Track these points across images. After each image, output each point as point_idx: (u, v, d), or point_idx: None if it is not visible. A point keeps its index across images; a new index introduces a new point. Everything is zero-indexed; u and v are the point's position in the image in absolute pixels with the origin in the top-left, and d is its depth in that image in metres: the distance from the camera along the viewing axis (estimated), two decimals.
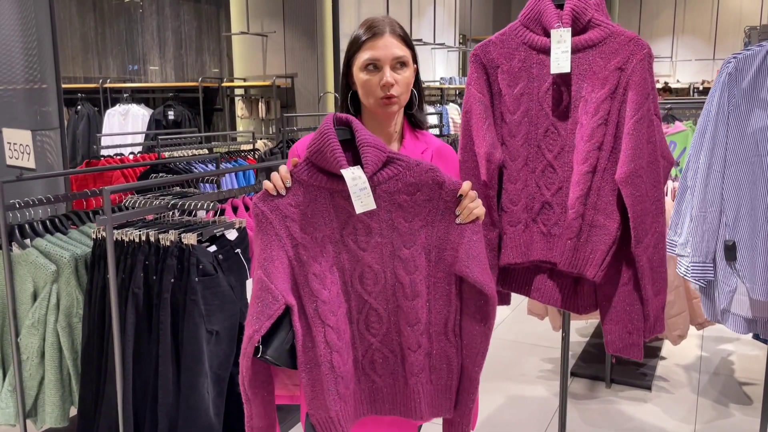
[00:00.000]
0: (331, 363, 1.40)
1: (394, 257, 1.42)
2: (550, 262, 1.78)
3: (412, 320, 1.43)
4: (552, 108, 1.71)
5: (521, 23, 1.73)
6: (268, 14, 7.19)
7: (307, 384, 1.41)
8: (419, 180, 1.40)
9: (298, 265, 1.40)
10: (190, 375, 2.11)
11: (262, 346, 1.40)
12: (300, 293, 1.40)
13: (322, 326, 1.40)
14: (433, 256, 1.43)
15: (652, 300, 1.72)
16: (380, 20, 1.55)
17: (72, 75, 7.34)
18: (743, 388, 3.48)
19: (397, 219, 1.40)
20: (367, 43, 1.51)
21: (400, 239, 1.41)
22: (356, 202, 1.36)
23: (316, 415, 1.42)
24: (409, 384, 1.46)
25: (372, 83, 1.51)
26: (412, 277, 1.41)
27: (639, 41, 1.62)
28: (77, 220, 2.61)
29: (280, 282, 1.37)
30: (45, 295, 2.31)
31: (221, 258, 2.20)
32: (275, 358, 1.40)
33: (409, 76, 1.54)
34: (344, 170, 1.35)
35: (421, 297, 1.43)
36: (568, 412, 3.19)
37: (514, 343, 4.15)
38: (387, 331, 1.46)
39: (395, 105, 1.53)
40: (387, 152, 1.40)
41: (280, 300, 1.36)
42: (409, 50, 1.55)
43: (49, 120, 3.58)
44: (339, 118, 1.41)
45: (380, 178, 1.39)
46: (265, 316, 1.36)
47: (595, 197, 1.67)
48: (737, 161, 1.99)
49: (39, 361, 2.36)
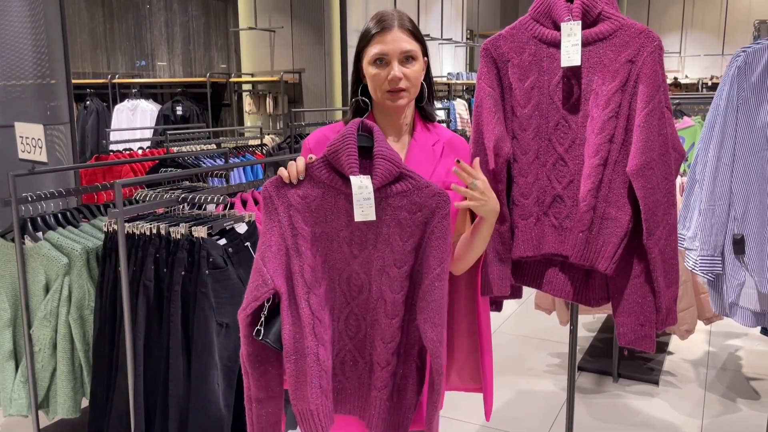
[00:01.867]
0: (317, 356, 1.41)
1: (382, 273, 1.43)
2: (561, 255, 1.78)
3: (387, 338, 1.45)
4: (562, 101, 1.71)
5: (531, 17, 1.73)
6: (275, 9, 7.20)
7: (291, 374, 1.43)
8: (424, 201, 1.41)
9: (295, 254, 1.42)
10: (201, 367, 2.12)
11: (264, 329, 1.43)
12: (294, 282, 1.42)
13: (312, 318, 1.42)
14: (416, 280, 1.44)
15: (664, 292, 1.72)
16: (389, 14, 1.55)
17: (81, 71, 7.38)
18: (751, 383, 3.47)
19: (394, 236, 1.42)
20: (375, 37, 1.52)
21: (392, 257, 1.42)
22: (357, 210, 1.39)
23: (298, 405, 1.44)
24: (371, 396, 1.49)
25: (380, 77, 1.52)
26: (396, 297, 1.43)
27: (650, 33, 1.62)
28: (88, 214, 2.63)
29: (273, 268, 1.40)
30: (57, 288, 2.33)
31: (231, 251, 2.22)
32: (274, 342, 1.43)
33: (418, 70, 1.55)
34: (353, 177, 1.38)
35: (400, 317, 1.44)
36: (576, 406, 3.20)
37: (521, 338, 4.16)
38: (363, 339, 1.49)
39: (403, 99, 1.53)
40: (401, 168, 1.41)
41: (269, 284, 1.39)
42: (419, 44, 1.55)
43: (59, 115, 3.60)
44: (364, 125, 1.43)
45: (389, 192, 1.41)
46: (253, 297, 1.40)
47: (606, 190, 1.68)
48: (746, 155, 1.99)
49: (51, 353, 2.39)
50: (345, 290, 1.47)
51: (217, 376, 2.17)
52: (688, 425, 3.05)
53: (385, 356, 1.45)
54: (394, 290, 1.43)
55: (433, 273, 1.41)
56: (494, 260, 1.74)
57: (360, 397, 1.52)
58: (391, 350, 1.45)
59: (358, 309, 1.48)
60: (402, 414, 1.50)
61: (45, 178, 3.29)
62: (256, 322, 1.43)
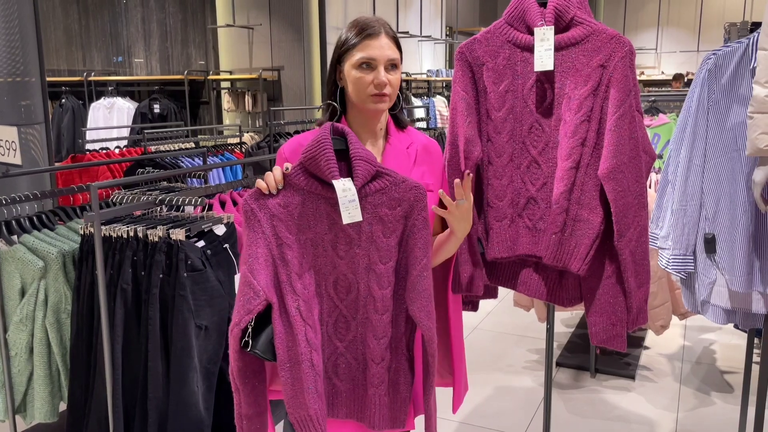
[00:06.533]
0: (312, 361, 1.43)
1: (369, 270, 1.45)
2: (535, 256, 1.81)
3: (379, 334, 1.47)
4: (536, 105, 1.74)
5: (506, 21, 1.75)
6: (254, 6, 7.16)
7: (287, 382, 1.44)
8: (402, 196, 1.43)
9: (281, 263, 1.44)
10: (180, 370, 2.12)
11: (251, 341, 1.44)
12: (282, 291, 1.44)
13: (303, 325, 1.43)
14: (401, 274, 1.47)
15: (635, 292, 1.75)
16: (374, 20, 1.58)
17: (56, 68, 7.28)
18: (725, 377, 3.55)
19: (377, 233, 1.44)
20: (362, 42, 1.54)
21: (377, 254, 1.45)
22: (344, 213, 1.40)
23: (295, 413, 1.45)
24: (368, 394, 1.51)
25: (365, 81, 1.54)
26: (384, 293, 1.45)
27: (621, 39, 1.65)
28: (64, 216, 2.60)
29: (263, 279, 1.41)
30: (33, 291, 2.31)
31: (209, 253, 2.22)
32: (263, 352, 1.44)
33: (399, 78, 1.58)
34: (336, 181, 1.39)
35: (389, 311, 1.47)
36: (554, 401, 3.25)
37: (501, 334, 4.20)
38: (353, 339, 1.51)
39: (385, 103, 1.56)
40: (377, 167, 1.44)
41: (261, 296, 1.40)
42: (400, 53, 1.59)
43: (34, 114, 3.55)
44: (335, 128, 1.45)
45: (367, 191, 1.43)
46: (245, 310, 1.41)
47: (578, 192, 1.70)
48: (717, 155, 2.03)
49: (28, 357, 2.36)
50: (332, 293, 1.49)
51: (197, 378, 2.16)
52: (663, 419, 3.11)
53: (379, 352, 1.48)
54: (382, 286, 1.45)
55: (420, 263, 1.44)
56: (466, 261, 1.77)
57: (356, 399, 1.54)
58: (384, 345, 1.48)
59: (347, 310, 1.49)
60: (397, 408, 1.52)
61: (20, 180, 3.24)
62: (244, 335, 1.44)
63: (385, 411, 1.51)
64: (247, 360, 1.48)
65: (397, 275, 1.47)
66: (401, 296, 1.47)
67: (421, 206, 1.44)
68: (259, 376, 1.53)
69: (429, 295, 1.46)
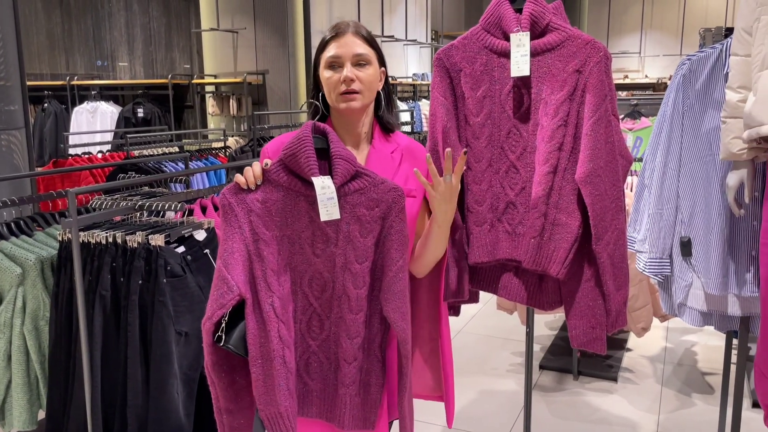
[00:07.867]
0: (284, 358, 1.43)
1: (345, 270, 1.46)
2: (515, 260, 1.82)
3: (353, 333, 1.47)
4: (513, 110, 1.75)
5: (482, 27, 1.76)
6: (238, 10, 7.14)
7: (258, 378, 1.44)
8: (381, 197, 1.44)
9: (257, 259, 1.44)
10: (160, 376, 2.11)
11: (225, 336, 1.44)
12: (257, 287, 1.43)
13: (276, 321, 1.43)
14: (377, 274, 1.47)
15: (613, 295, 1.76)
16: (345, 22, 1.59)
17: (38, 72, 7.22)
18: (705, 378, 3.58)
19: (354, 232, 1.45)
20: (330, 42, 1.56)
21: (354, 253, 1.45)
22: (322, 211, 1.40)
23: (265, 410, 1.45)
24: (339, 393, 1.51)
25: (333, 80, 1.54)
26: (359, 292, 1.46)
27: (596, 44, 1.66)
28: (43, 222, 2.58)
29: (237, 274, 1.41)
30: (10, 299, 2.28)
31: (190, 259, 2.21)
32: (235, 347, 1.44)
33: (372, 74, 1.56)
34: (315, 178, 1.40)
35: (363, 311, 1.47)
36: (537, 404, 3.26)
37: (485, 337, 4.21)
38: (326, 338, 1.51)
39: (356, 101, 1.54)
40: (357, 167, 1.45)
41: (234, 291, 1.40)
42: (373, 50, 1.58)
43: (14, 119, 3.52)
44: (317, 127, 1.45)
45: (347, 190, 1.44)
46: (218, 305, 1.41)
47: (556, 196, 1.71)
48: (692, 160, 2.06)
49: (5, 365, 2.34)
50: (307, 291, 1.49)
51: (177, 385, 2.15)
52: (645, 420, 3.13)
53: (352, 352, 1.48)
54: (357, 286, 1.45)
55: (396, 265, 1.44)
56: (452, 266, 1.78)
57: (326, 398, 1.53)
58: (357, 345, 1.48)
59: (321, 308, 1.49)
60: (368, 409, 1.52)
61: (0, 186, 3.22)
62: (217, 330, 1.44)
63: (355, 411, 1.51)
64: (222, 354, 1.48)
65: (373, 275, 1.47)
66: (376, 297, 1.47)
67: (399, 208, 1.44)
68: (240, 372, 1.52)
69: (405, 296, 1.46)
